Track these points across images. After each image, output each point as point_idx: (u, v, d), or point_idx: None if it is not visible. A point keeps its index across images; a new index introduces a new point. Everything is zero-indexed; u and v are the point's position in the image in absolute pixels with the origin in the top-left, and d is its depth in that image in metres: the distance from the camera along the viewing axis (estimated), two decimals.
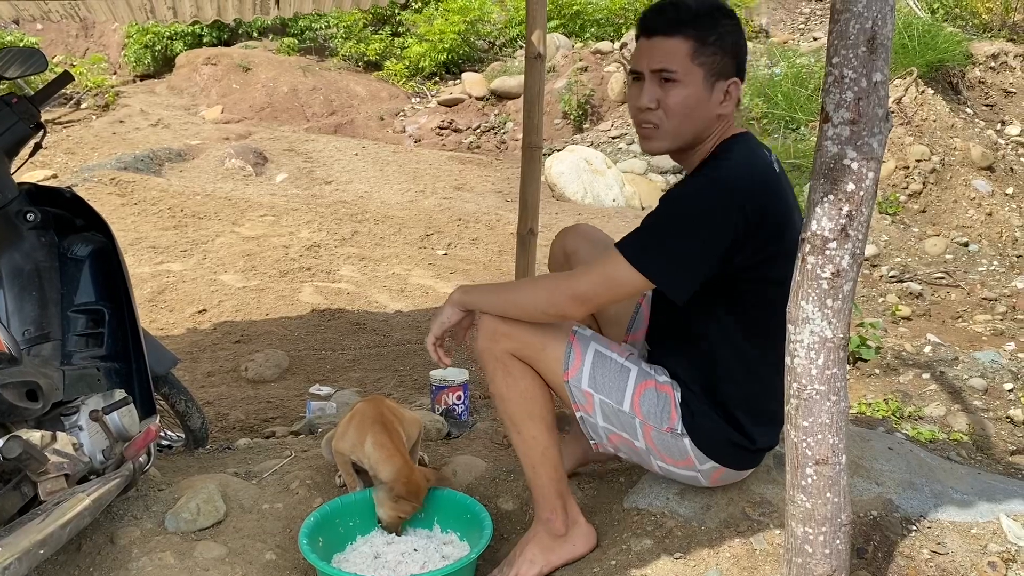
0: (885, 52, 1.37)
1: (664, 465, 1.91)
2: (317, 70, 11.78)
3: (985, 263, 5.82)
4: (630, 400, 1.85)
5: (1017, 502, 2.00)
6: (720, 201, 1.67)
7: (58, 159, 8.46)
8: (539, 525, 1.97)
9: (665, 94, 1.75)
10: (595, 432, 1.91)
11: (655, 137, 1.81)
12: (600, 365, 1.87)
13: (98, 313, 2.30)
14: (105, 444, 2.11)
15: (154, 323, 4.76)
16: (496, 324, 1.84)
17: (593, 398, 1.86)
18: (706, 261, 1.69)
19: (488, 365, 1.89)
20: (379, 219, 6.96)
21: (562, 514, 1.94)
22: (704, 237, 1.67)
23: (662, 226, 1.71)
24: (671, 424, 1.85)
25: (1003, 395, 3.60)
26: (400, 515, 2.07)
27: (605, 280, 1.72)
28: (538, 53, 3.40)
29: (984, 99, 7.60)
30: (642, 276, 1.68)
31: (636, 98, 1.80)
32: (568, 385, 1.86)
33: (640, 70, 1.78)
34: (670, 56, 1.73)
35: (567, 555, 1.95)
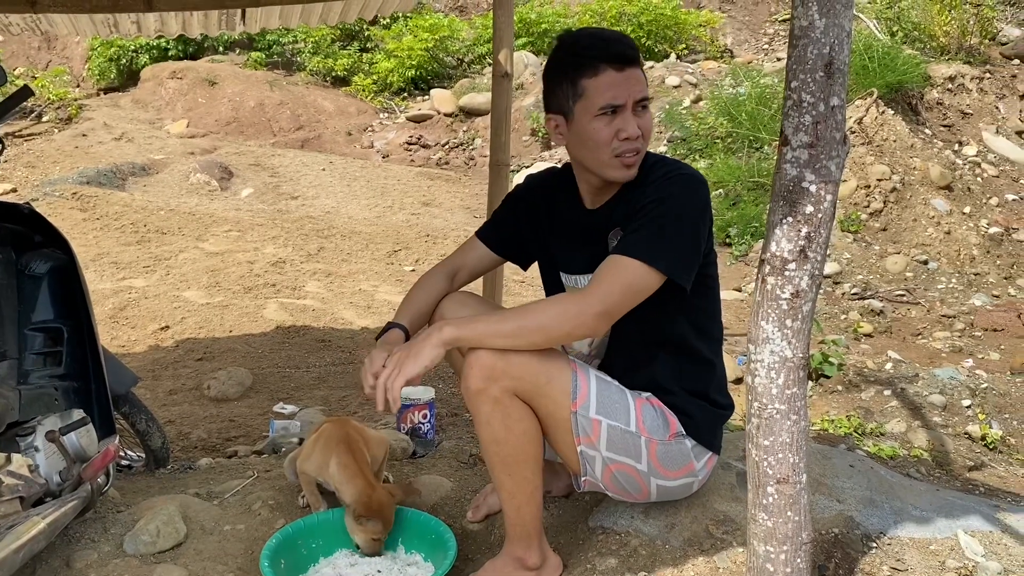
0: (842, 77, 1.40)
1: (663, 483, 1.90)
2: (284, 85, 11.73)
3: (944, 280, 5.93)
4: (635, 419, 1.85)
5: (974, 518, 2.03)
6: (700, 193, 1.81)
7: (18, 173, 8.32)
8: (509, 559, 1.94)
9: (642, 120, 1.83)
10: (592, 466, 1.86)
11: (636, 163, 1.86)
12: (603, 390, 1.85)
13: (56, 331, 2.26)
14: (62, 465, 2.07)
15: (115, 340, 4.69)
16: (494, 361, 1.74)
17: (601, 425, 1.81)
18: (700, 247, 1.82)
19: (483, 408, 1.78)
20: (346, 235, 6.93)
21: (538, 550, 1.92)
22: (697, 227, 1.80)
23: (666, 227, 1.76)
24: (673, 430, 1.88)
25: (961, 411, 3.66)
26: (371, 537, 2.05)
27: (627, 289, 1.73)
28: (505, 72, 3.42)
29: (942, 120, 7.77)
30: (658, 273, 1.74)
31: (615, 131, 1.80)
32: (576, 416, 1.80)
33: (621, 102, 1.80)
34: (643, 84, 1.84)
35: None
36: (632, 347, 1.96)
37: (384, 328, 2.02)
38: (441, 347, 1.75)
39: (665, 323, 1.89)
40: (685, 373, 1.93)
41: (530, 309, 1.80)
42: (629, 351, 1.97)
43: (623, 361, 1.97)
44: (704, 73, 10.03)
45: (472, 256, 2.18)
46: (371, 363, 1.82)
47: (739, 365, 4.11)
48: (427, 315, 2.07)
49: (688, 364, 1.94)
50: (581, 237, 1.97)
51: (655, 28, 11.34)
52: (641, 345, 1.94)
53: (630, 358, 1.96)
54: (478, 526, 2.24)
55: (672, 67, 10.31)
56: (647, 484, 1.89)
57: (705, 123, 8.34)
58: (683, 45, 11.66)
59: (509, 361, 1.75)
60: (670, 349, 1.93)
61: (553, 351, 1.83)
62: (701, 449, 1.93)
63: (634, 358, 1.95)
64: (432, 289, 2.11)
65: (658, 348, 1.93)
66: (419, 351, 1.75)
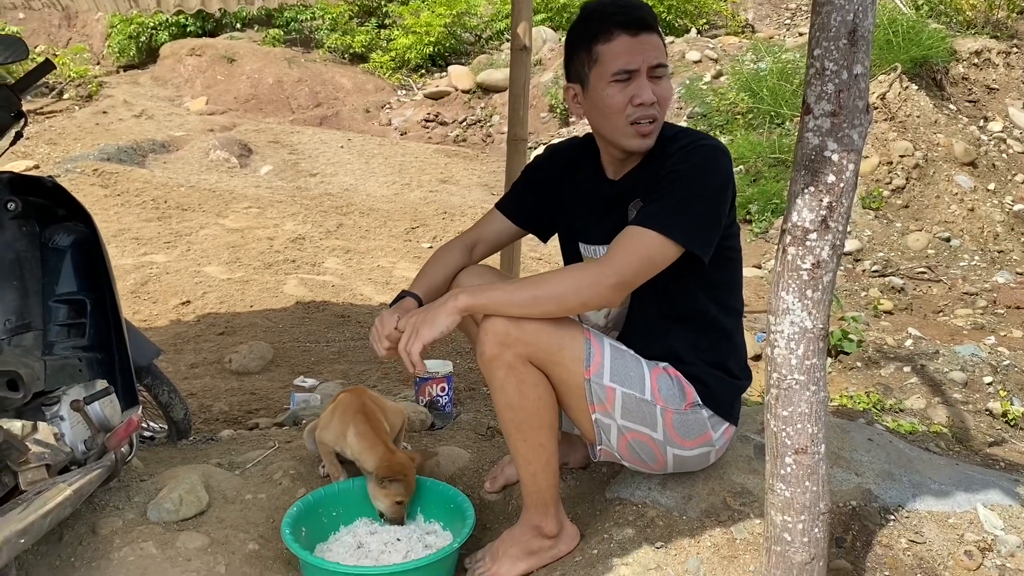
0: (866, 44, 1.38)
1: (680, 452, 1.90)
2: (303, 62, 11.73)
3: (967, 258, 5.87)
4: (650, 387, 1.84)
5: (994, 492, 2.02)
6: (722, 165, 1.80)
7: (40, 150, 8.38)
8: (527, 527, 1.95)
9: (658, 88, 1.81)
10: (607, 435, 1.86)
11: (653, 132, 1.84)
12: (618, 358, 1.84)
13: (80, 303, 2.28)
14: (87, 434, 2.10)
15: (137, 314, 4.74)
16: (507, 327, 1.74)
17: (615, 392, 1.81)
18: (722, 220, 1.81)
19: (498, 373, 1.78)
20: (364, 212, 6.95)
21: (554, 519, 1.93)
22: (718, 198, 1.79)
23: (685, 198, 1.75)
24: (689, 400, 1.88)
25: (982, 388, 3.64)
26: (396, 499, 2.07)
27: (643, 259, 1.72)
28: (524, 45, 3.40)
29: (967, 95, 7.66)
30: (675, 245, 1.72)
31: (629, 97, 1.80)
32: (589, 383, 1.80)
33: (634, 68, 1.79)
34: (660, 51, 1.82)
35: (551, 557, 1.95)
36: (649, 319, 1.96)
37: (398, 296, 2.02)
38: (456, 314, 1.76)
39: (684, 295, 1.89)
40: (703, 344, 1.93)
41: (545, 278, 1.80)
42: (646, 322, 1.96)
43: (641, 332, 1.96)
44: (725, 48, 9.93)
45: (491, 228, 2.16)
46: (382, 325, 1.85)
47: (758, 342, 4.10)
48: (443, 287, 2.06)
49: (706, 336, 1.93)
50: (602, 208, 1.96)
51: (676, 2, 11.23)
52: (659, 317, 1.94)
53: (647, 329, 1.96)
54: (495, 496, 2.25)
55: (692, 42, 10.21)
56: (663, 453, 1.89)
57: (726, 99, 8.26)
58: (704, 20, 11.55)
59: (522, 328, 1.74)
60: (688, 321, 1.92)
61: (567, 319, 1.83)
62: (718, 419, 1.93)
63: (651, 329, 1.95)
64: (449, 261, 2.10)
65: (676, 320, 1.93)
66: (435, 317, 1.75)
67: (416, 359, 1.75)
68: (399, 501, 2.08)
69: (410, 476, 2.07)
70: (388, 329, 1.84)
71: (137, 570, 1.92)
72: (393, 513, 2.10)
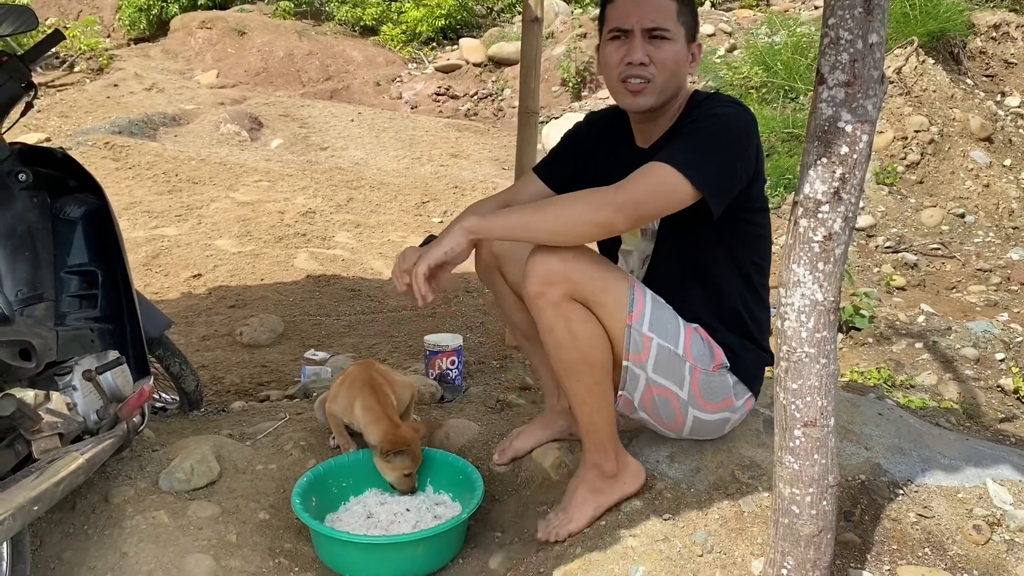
0: (882, 13, 1.35)
1: (700, 415, 1.91)
2: (313, 35, 11.66)
3: (981, 234, 5.81)
4: (683, 344, 1.85)
5: (1004, 467, 2.02)
6: (749, 126, 1.80)
7: (51, 123, 8.39)
8: (589, 469, 1.95)
9: (656, 50, 1.81)
10: (634, 385, 1.85)
11: (645, 92, 1.84)
12: (658, 308, 1.84)
13: (91, 274, 2.30)
14: (99, 404, 2.12)
15: (149, 287, 4.76)
16: (550, 264, 1.73)
17: (652, 342, 1.81)
18: (741, 177, 1.79)
19: (545, 312, 1.77)
20: (375, 186, 6.94)
21: (614, 456, 1.93)
22: (741, 155, 1.78)
23: (705, 142, 1.74)
24: (718, 362, 1.89)
25: (994, 364, 3.62)
26: (402, 472, 2.09)
27: (654, 188, 1.70)
28: (535, 16, 3.36)
29: (985, 70, 7.54)
30: (690, 185, 1.70)
31: (621, 56, 1.82)
32: (630, 329, 1.79)
33: (628, 27, 1.81)
34: (662, 14, 1.81)
35: (619, 495, 1.95)
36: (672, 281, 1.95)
37: (426, 239, 2.03)
38: (464, 234, 1.77)
39: (707, 259, 1.91)
40: (726, 314, 1.95)
41: (556, 203, 1.79)
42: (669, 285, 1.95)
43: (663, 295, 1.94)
44: (739, 21, 9.81)
45: (526, 191, 2.16)
46: (403, 260, 1.87)
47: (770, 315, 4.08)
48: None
49: (729, 306, 1.95)
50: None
51: None
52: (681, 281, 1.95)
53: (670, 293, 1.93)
54: (504, 468, 2.26)
55: (707, 15, 10.09)
56: (684, 414, 1.90)
57: (739, 72, 8.17)
58: None
59: (568, 264, 1.74)
60: (711, 289, 1.94)
61: (612, 267, 1.84)
62: (742, 387, 1.95)
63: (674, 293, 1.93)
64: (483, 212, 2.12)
65: (699, 286, 1.94)
66: (441, 238, 1.78)
67: (421, 281, 1.76)
68: (406, 473, 2.10)
69: (413, 448, 2.08)
70: (408, 264, 1.85)
71: (149, 538, 1.95)
72: (402, 485, 2.12)
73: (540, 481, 2.18)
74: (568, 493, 1.99)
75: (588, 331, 1.78)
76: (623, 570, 1.74)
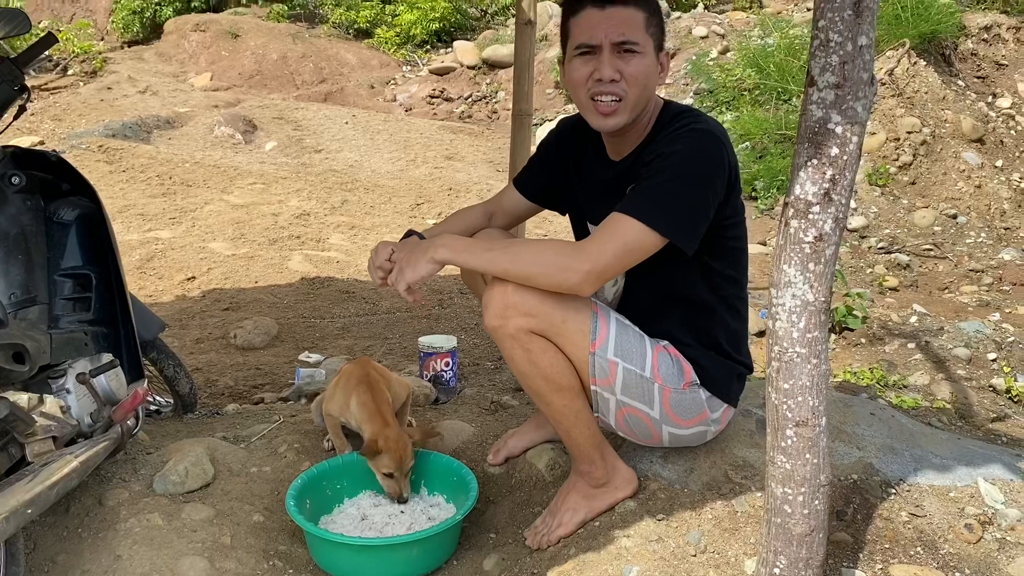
0: (871, 15, 1.37)
1: (675, 431, 1.90)
2: (307, 37, 11.66)
3: (973, 235, 5.84)
4: (651, 365, 1.83)
5: (995, 466, 2.03)
6: (716, 153, 1.74)
7: (45, 126, 8.37)
8: (577, 477, 1.96)
9: (626, 65, 1.76)
10: (605, 408, 1.86)
11: (619, 111, 1.79)
12: (622, 333, 1.83)
13: (85, 277, 2.29)
14: (93, 407, 2.12)
15: (143, 290, 4.75)
16: (506, 297, 1.73)
17: (617, 367, 1.80)
18: (710, 210, 1.75)
19: (504, 344, 1.78)
20: (369, 188, 6.94)
21: (601, 464, 1.93)
22: (708, 188, 1.73)
23: (668, 184, 1.70)
24: (688, 379, 1.87)
25: (986, 364, 3.63)
26: (382, 471, 2.08)
27: (621, 249, 1.67)
28: (529, 19, 3.38)
29: (976, 71, 7.58)
30: (657, 235, 1.67)
31: (590, 72, 1.77)
32: (594, 356, 1.79)
33: (595, 43, 1.75)
34: (631, 27, 1.75)
35: (610, 500, 1.95)
36: (645, 299, 1.96)
37: (405, 234, 2.04)
38: (434, 264, 1.78)
39: (681, 280, 1.89)
40: (699, 327, 1.92)
41: (525, 251, 1.76)
42: (642, 303, 1.97)
43: (637, 312, 1.96)
44: (732, 24, 9.84)
45: (507, 201, 2.19)
46: (376, 256, 1.91)
47: (762, 318, 4.10)
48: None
49: (702, 320, 1.92)
50: (605, 188, 1.94)
51: None
52: (655, 298, 1.94)
53: (644, 309, 1.95)
54: (498, 469, 2.27)
55: (699, 17, 10.12)
56: (659, 431, 1.90)
57: (732, 75, 8.20)
58: None
59: (524, 298, 1.73)
60: (684, 305, 1.92)
61: None
62: (716, 400, 1.93)
63: (648, 310, 1.95)
64: (468, 220, 2.14)
65: (672, 303, 1.92)
66: (416, 262, 1.78)
67: (404, 295, 1.81)
68: (386, 473, 2.08)
69: (398, 450, 2.06)
70: (380, 260, 1.89)
71: (143, 540, 1.95)
72: (386, 486, 2.11)
73: (534, 482, 2.18)
74: (558, 498, 2.00)
75: (548, 360, 1.79)
76: (617, 570, 1.75)
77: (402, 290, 1.80)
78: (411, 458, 2.10)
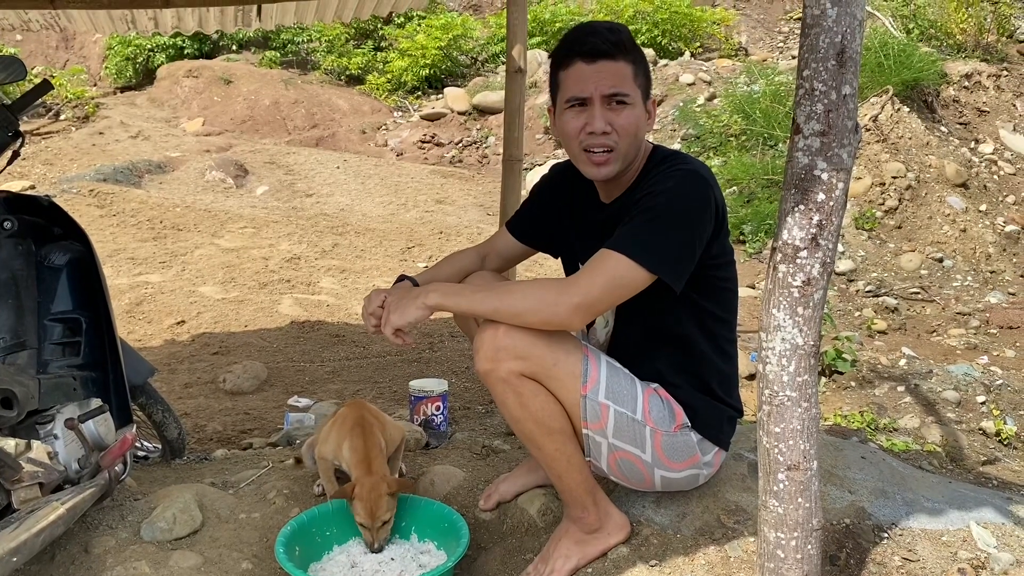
0: (854, 66, 1.40)
1: (667, 475, 1.90)
2: (299, 83, 11.79)
3: (959, 278, 5.90)
4: (642, 408, 1.84)
5: (987, 510, 2.03)
6: (703, 192, 1.77)
7: (36, 170, 8.40)
8: (569, 522, 1.95)
9: (616, 116, 1.81)
10: (597, 451, 1.86)
11: (610, 161, 1.83)
12: (613, 376, 1.83)
13: (75, 322, 2.29)
14: (80, 453, 2.10)
15: (132, 334, 4.73)
16: (497, 340, 1.74)
17: (609, 410, 1.80)
18: (698, 249, 1.77)
19: (495, 388, 1.79)
20: (360, 232, 6.97)
21: (594, 509, 1.92)
22: (695, 227, 1.76)
23: (656, 222, 1.73)
24: (679, 422, 1.87)
25: (976, 407, 3.65)
26: (357, 519, 2.05)
27: (609, 283, 1.69)
28: (519, 67, 3.42)
29: (958, 117, 7.72)
30: (646, 272, 1.69)
31: (582, 124, 1.82)
32: (585, 400, 1.79)
33: (586, 96, 1.80)
34: (620, 79, 1.80)
35: (602, 546, 1.94)
36: (634, 340, 1.97)
37: (397, 279, 2.05)
38: (424, 309, 1.79)
39: (670, 319, 1.90)
40: (689, 369, 1.93)
41: (514, 289, 1.79)
42: (631, 344, 1.97)
43: (626, 353, 1.96)
44: (719, 71, 10.01)
45: (500, 244, 2.22)
46: (368, 303, 1.91)
47: (752, 361, 4.11)
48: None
49: (692, 361, 1.93)
50: (594, 231, 1.96)
51: (670, 26, 11.33)
52: (644, 339, 1.95)
53: (633, 351, 1.96)
54: (490, 515, 2.25)
55: (686, 65, 10.29)
56: (651, 474, 1.89)
57: (719, 120, 8.32)
58: (698, 43, 11.65)
59: (514, 340, 1.74)
60: (674, 346, 1.93)
61: (564, 334, 1.83)
62: (707, 444, 1.93)
63: (637, 351, 1.95)
64: (460, 263, 2.15)
65: (661, 343, 1.93)
66: (405, 307, 1.80)
67: (391, 338, 1.82)
68: (360, 522, 2.05)
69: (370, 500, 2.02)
70: (372, 307, 1.89)
71: None
72: (362, 535, 2.08)
73: (526, 528, 2.17)
74: (550, 544, 1.98)
75: (539, 403, 1.79)
76: None
77: (388, 333, 1.81)
78: (384, 510, 2.05)
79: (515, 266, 2.44)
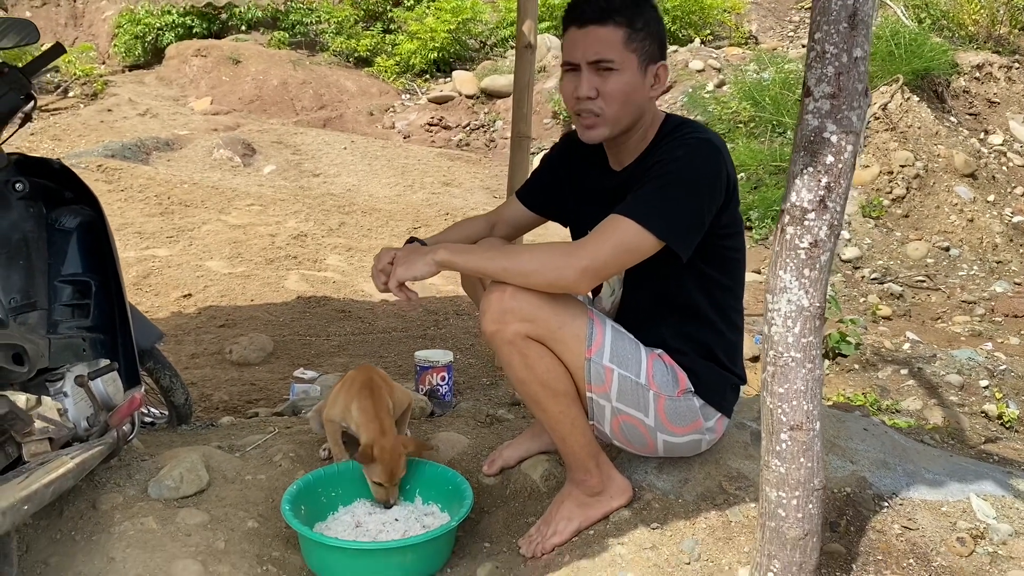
0: (866, 28, 1.41)
1: (670, 439, 1.92)
2: (307, 64, 11.76)
3: (965, 268, 5.89)
4: (646, 372, 1.85)
5: (987, 483, 2.04)
6: (714, 161, 1.78)
7: (45, 146, 8.41)
8: (572, 485, 1.98)
9: (603, 82, 1.82)
10: (601, 416, 1.88)
11: (597, 125, 1.85)
12: (618, 340, 1.85)
13: (85, 284, 2.30)
14: (89, 411, 2.13)
15: (139, 306, 4.73)
16: (504, 302, 1.76)
17: (613, 374, 1.82)
18: (707, 218, 1.78)
19: (501, 349, 1.82)
20: (367, 211, 6.98)
21: (596, 473, 1.95)
22: (705, 195, 1.77)
23: (666, 189, 1.74)
24: (682, 387, 1.89)
25: (978, 391, 3.66)
26: (372, 479, 2.08)
27: (617, 248, 1.71)
28: (529, 43, 3.43)
29: (968, 108, 7.69)
30: (654, 238, 1.71)
31: (573, 88, 1.84)
32: (590, 363, 1.81)
33: (575, 61, 1.82)
34: (606, 45, 1.80)
35: (604, 509, 1.97)
36: (642, 307, 1.98)
37: (407, 240, 2.07)
38: (433, 265, 1.82)
39: (676, 287, 1.91)
40: (693, 336, 1.94)
41: (523, 251, 1.82)
42: (639, 310, 1.99)
43: (633, 319, 1.98)
44: (728, 58, 9.97)
45: (510, 212, 2.23)
46: (377, 260, 1.94)
47: (756, 344, 4.12)
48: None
49: (697, 329, 1.95)
50: (605, 199, 1.97)
51: (680, 13, 11.29)
52: (651, 305, 1.96)
53: (639, 317, 1.98)
54: (493, 480, 2.27)
55: (696, 52, 10.25)
56: (653, 439, 1.91)
57: (728, 107, 8.29)
58: (708, 31, 11.60)
59: (521, 303, 1.76)
60: (680, 313, 1.94)
61: (570, 298, 1.84)
62: (710, 409, 1.95)
63: (643, 317, 1.97)
64: (469, 229, 2.17)
65: (668, 311, 1.95)
66: (413, 261, 1.83)
67: (395, 291, 1.85)
68: (376, 481, 2.09)
69: (390, 460, 2.06)
70: (382, 263, 1.92)
71: (137, 544, 1.94)
72: (375, 493, 2.11)
73: (529, 492, 2.19)
74: (553, 506, 2.01)
75: (545, 365, 1.81)
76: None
77: (393, 286, 1.84)
78: (403, 469, 2.10)
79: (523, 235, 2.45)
